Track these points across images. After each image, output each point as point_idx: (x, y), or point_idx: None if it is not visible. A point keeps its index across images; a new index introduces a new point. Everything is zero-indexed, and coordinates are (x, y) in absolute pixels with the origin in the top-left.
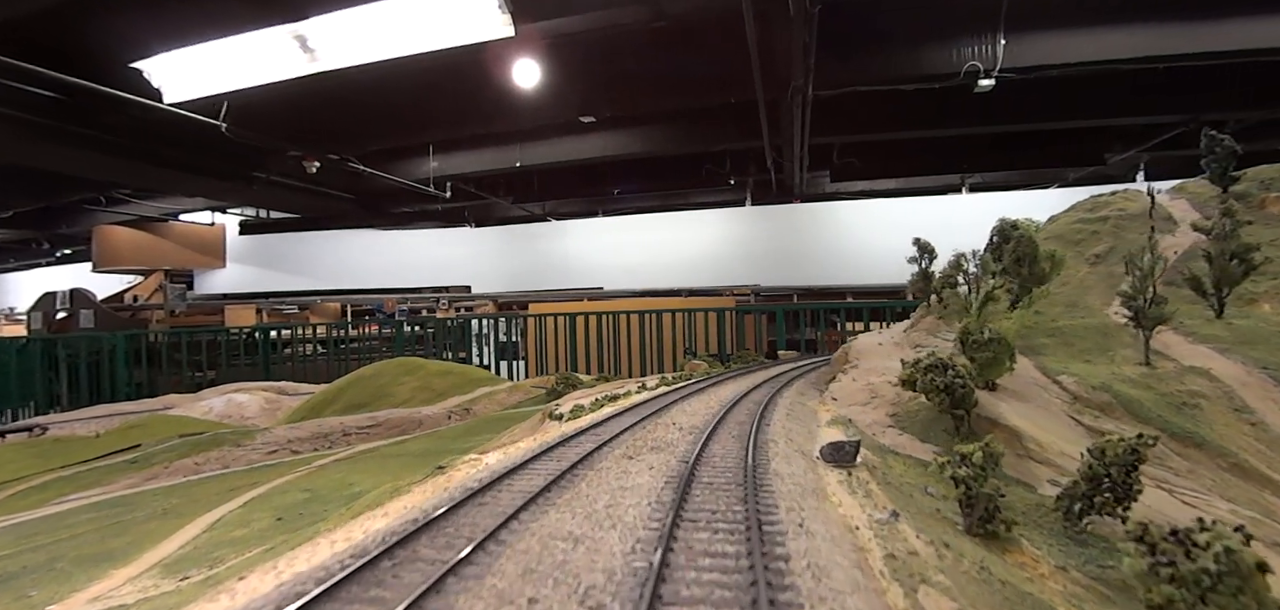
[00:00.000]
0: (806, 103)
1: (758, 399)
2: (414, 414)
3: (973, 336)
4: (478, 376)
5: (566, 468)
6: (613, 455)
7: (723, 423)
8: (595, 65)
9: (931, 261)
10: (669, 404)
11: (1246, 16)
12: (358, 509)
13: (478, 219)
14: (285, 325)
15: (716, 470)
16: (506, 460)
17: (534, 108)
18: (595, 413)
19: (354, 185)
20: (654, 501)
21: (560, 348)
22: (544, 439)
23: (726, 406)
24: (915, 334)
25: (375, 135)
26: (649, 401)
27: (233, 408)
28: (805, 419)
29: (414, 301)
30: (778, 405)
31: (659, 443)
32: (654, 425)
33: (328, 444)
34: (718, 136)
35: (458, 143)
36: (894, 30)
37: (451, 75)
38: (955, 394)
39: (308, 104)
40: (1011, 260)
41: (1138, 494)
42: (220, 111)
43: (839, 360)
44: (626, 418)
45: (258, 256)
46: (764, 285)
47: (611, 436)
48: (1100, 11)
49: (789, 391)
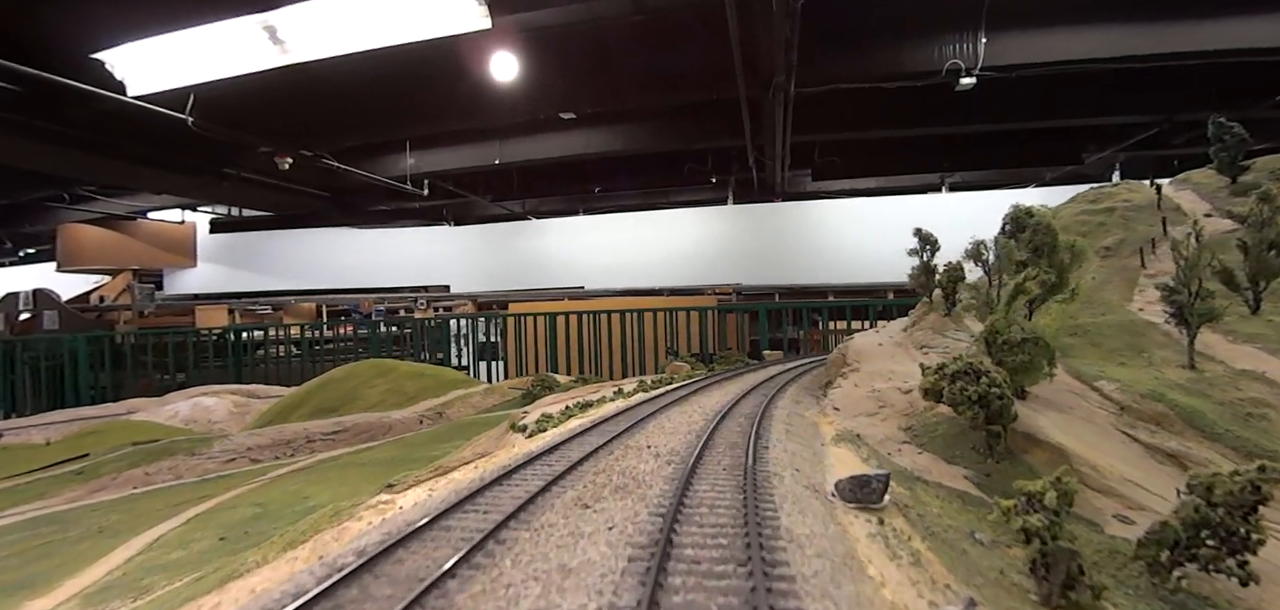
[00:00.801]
0: (789, 100)
1: (748, 411)
2: (383, 419)
3: (1002, 336)
4: (452, 379)
5: (495, 523)
6: (564, 499)
7: (709, 445)
8: (575, 60)
9: (933, 253)
10: (646, 417)
11: (1217, 18)
12: (293, 536)
13: (457, 217)
14: (258, 326)
15: (703, 532)
16: (424, 506)
17: (513, 103)
18: (562, 425)
19: (329, 183)
20: (607, 606)
21: (541, 348)
22: (489, 466)
23: (712, 422)
24: (919, 333)
25: (349, 131)
26: (624, 413)
27: (199, 412)
28: (807, 436)
29: (391, 302)
30: (773, 418)
31: (627, 478)
32: (624, 449)
33: (290, 452)
34: (700, 134)
35: (435, 139)
36: (876, 28)
37: (427, 69)
38: (991, 407)
39: (279, 98)
40: (1028, 251)
41: (1258, 545)
42: (187, 105)
43: (836, 363)
44: (593, 436)
45: (230, 256)
46: (746, 284)
47: (570, 466)
48: (1079, 11)
49: (783, 399)
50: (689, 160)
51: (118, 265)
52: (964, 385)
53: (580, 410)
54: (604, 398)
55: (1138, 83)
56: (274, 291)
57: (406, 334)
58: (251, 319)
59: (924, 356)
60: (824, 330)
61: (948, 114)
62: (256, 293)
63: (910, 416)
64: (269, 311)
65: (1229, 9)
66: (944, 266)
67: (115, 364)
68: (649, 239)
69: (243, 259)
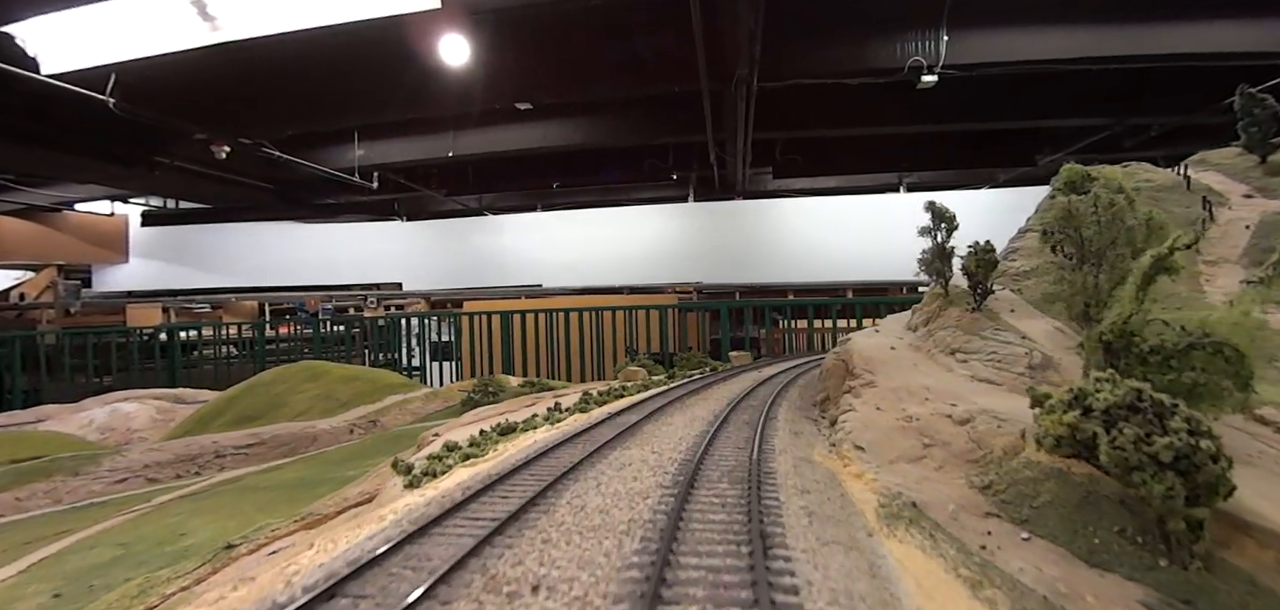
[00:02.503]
0: (751, 94)
1: (732, 458)
2: (308, 428)
3: (1145, 342)
4: (389, 382)
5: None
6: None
7: (677, 546)
8: (531, 47)
9: (950, 232)
10: (579, 461)
11: (1171, 22)
12: None
13: (409, 212)
14: (195, 325)
15: None
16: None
17: (465, 91)
18: (463, 469)
19: (271, 173)
20: None
21: (496, 348)
22: (335, 547)
23: (680, 481)
24: (943, 333)
25: (291, 118)
26: (549, 452)
27: (118, 419)
28: (840, 516)
29: (340, 299)
30: (776, 477)
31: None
32: (529, 542)
33: (194, 469)
34: (660, 129)
35: (385, 129)
36: (840, 23)
37: (373, 51)
38: (1198, 476)
39: (213, 81)
40: (1093, 224)
41: None
42: (108, 85)
43: (835, 372)
44: (493, 502)
45: (165, 250)
46: (707, 283)
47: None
48: (1039, 11)
49: (776, 427)
50: (649, 156)
51: (41, 260)
52: (1138, 434)
53: (498, 438)
54: (536, 417)
55: (1091, 86)
56: (213, 288)
57: (355, 333)
58: (188, 318)
59: (960, 364)
60: (785, 329)
61: (908, 113)
62: (194, 290)
63: (981, 465)
64: (207, 310)
65: (1182, 14)
66: (969, 248)
67: (37, 367)
68: (608, 236)
69: (179, 254)
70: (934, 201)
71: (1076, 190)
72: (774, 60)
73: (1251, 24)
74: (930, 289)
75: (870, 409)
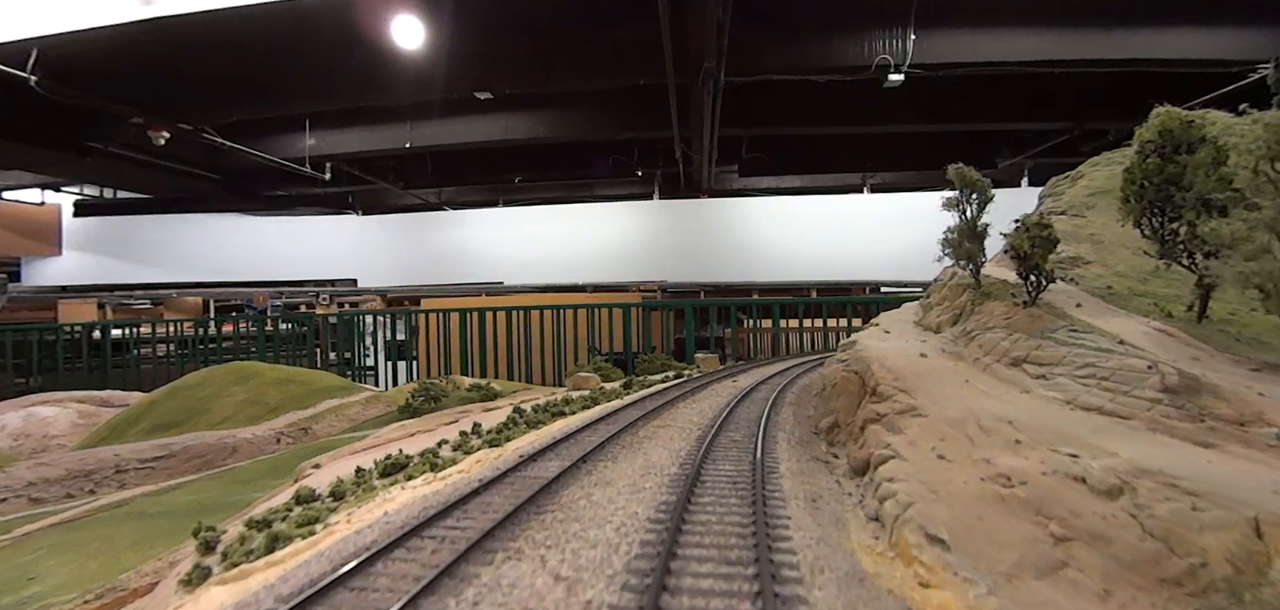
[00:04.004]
0: (718, 88)
1: (715, 550)
2: (227, 438)
3: None
4: (326, 385)
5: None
6: None
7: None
8: (490, 34)
9: (984, 205)
10: (494, 526)
11: (1131, 28)
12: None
13: (365, 206)
14: (132, 322)
15: None
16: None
17: (422, 78)
18: (322, 536)
19: (217, 162)
20: None
21: (454, 347)
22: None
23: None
24: (987, 333)
25: (232, 102)
26: (456, 506)
27: (33, 425)
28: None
29: (290, 296)
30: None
31: None
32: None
33: (89, 487)
34: (626, 123)
35: (337, 117)
36: (808, 19)
37: (317, 30)
38: None
39: (147, 60)
40: (1214, 179)
41: None
42: (28, 62)
43: (846, 389)
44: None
45: (101, 243)
46: (671, 282)
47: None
48: (1004, 13)
49: (780, 485)
50: (614, 151)
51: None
52: None
53: (380, 479)
54: (438, 449)
55: (1051, 91)
56: (153, 284)
57: (305, 331)
58: (126, 314)
59: (1039, 381)
60: (751, 329)
61: (873, 113)
62: (133, 285)
63: (1193, 593)
64: (148, 306)
65: (1140, 20)
66: (1016, 224)
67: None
68: (572, 233)
69: (117, 247)
70: (961, 166)
71: (1174, 140)
72: (742, 54)
73: (1207, 32)
74: (947, 279)
75: (927, 455)
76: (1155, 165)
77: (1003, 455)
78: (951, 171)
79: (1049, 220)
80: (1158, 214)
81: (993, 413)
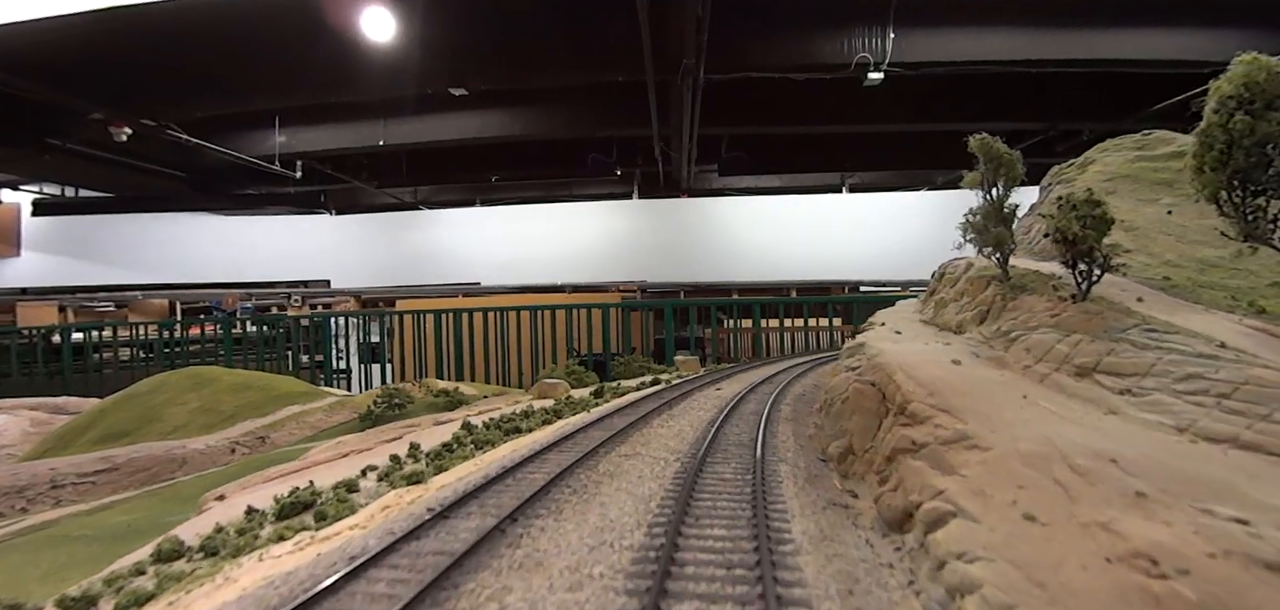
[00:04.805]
0: (698, 85)
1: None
2: (176, 449)
3: None
4: (287, 391)
5: None
6: None
7: None
8: (464, 27)
9: (1012, 184)
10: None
11: (1106, 29)
12: None
13: (338, 206)
14: (94, 325)
15: None
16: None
17: (394, 72)
18: None
19: (183, 160)
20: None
21: (430, 350)
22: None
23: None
24: (1034, 334)
25: (196, 96)
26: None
27: None
28: None
29: (261, 297)
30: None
31: None
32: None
33: (20, 504)
34: (605, 121)
35: (308, 114)
36: (788, 17)
37: (281, 21)
38: None
39: (106, 52)
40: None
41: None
42: None
43: (864, 405)
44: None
45: (63, 243)
46: (651, 282)
47: None
48: (983, 13)
49: (800, 554)
50: (593, 150)
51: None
52: None
53: (275, 521)
54: (362, 481)
55: (1026, 92)
56: (119, 285)
57: (278, 334)
58: (89, 317)
59: (1124, 397)
60: (731, 329)
61: (852, 113)
62: (95, 287)
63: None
64: (112, 309)
65: (1113, 21)
66: (1060, 203)
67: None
68: (550, 233)
69: (79, 247)
70: (986, 137)
71: (1264, 95)
72: (722, 51)
73: (1177, 32)
74: (960, 271)
75: (1006, 512)
76: (1243, 125)
77: (1127, 517)
78: (974, 143)
79: (1100, 196)
80: (1239, 187)
81: (1083, 445)
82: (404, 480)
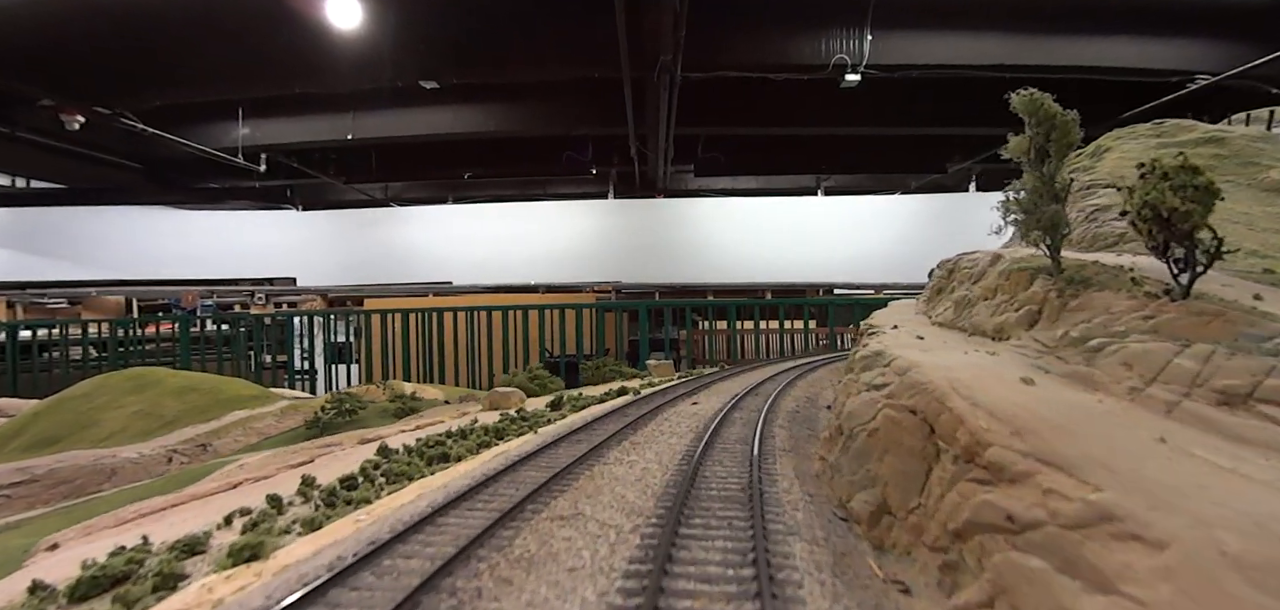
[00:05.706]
0: (674, 83)
1: None
2: (105, 458)
3: None
4: (235, 394)
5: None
6: None
7: None
8: (435, 16)
9: (1064, 150)
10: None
11: (1082, 35)
12: None
13: (305, 201)
14: (44, 323)
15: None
16: None
17: (362, 63)
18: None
19: (138, 150)
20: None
21: (398, 350)
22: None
23: None
24: (1120, 343)
25: (152, 84)
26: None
27: None
28: None
29: (223, 295)
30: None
31: None
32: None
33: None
34: (579, 119)
35: (273, 105)
36: (766, 16)
37: (241, 5)
38: None
39: (55, 36)
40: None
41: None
42: None
43: (905, 442)
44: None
45: (11, 236)
46: (626, 282)
47: None
48: (960, 18)
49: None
50: (568, 148)
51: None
52: None
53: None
54: (211, 540)
55: (1001, 97)
56: (71, 281)
57: (240, 333)
58: (40, 314)
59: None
60: (707, 331)
61: (828, 115)
62: (47, 282)
63: None
64: (63, 305)
65: (1092, 28)
66: (1144, 170)
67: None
68: (524, 232)
69: (29, 240)
70: (1034, 92)
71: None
72: (699, 49)
73: (1146, 42)
74: (985, 264)
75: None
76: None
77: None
78: (1018, 102)
79: (1196, 163)
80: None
81: (1241, 515)
82: (248, 552)
